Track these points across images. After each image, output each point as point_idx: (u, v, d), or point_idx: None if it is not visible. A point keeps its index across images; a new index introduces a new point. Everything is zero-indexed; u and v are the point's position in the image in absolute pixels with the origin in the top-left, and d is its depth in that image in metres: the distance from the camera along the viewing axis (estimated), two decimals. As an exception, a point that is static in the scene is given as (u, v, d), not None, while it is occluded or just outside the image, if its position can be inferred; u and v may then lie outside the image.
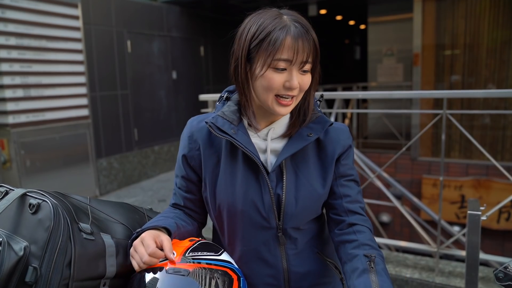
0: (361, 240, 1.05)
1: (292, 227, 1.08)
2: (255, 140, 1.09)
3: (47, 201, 0.91)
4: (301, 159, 1.09)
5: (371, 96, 6.51)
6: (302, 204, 1.06)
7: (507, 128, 6.34)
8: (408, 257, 2.90)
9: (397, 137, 7.27)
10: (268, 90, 1.00)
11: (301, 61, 0.98)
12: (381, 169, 3.34)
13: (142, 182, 6.50)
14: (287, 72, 0.99)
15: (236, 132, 1.05)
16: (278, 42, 0.96)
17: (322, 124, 1.09)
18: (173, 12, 7.09)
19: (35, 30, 4.76)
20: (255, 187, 1.06)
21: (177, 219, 1.12)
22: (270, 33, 0.97)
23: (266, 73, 0.99)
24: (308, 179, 1.08)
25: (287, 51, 0.97)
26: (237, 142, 1.04)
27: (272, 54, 0.97)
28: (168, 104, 7.11)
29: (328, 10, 9.29)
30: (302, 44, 0.97)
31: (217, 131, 1.05)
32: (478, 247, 1.62)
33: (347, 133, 1.14)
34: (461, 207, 6.20)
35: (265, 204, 1.05)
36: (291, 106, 1.04)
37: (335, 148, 1.10)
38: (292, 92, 1.00)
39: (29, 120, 4.76)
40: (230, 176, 1.07)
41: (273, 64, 0.98)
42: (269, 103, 1.02)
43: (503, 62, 6.34)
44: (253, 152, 1.04)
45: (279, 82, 0.99)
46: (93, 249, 0.95)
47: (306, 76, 1.02)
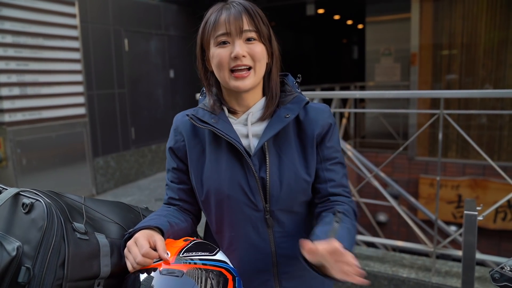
0: (336, 208, 1.08)
1: (280, 209, 1.09)
2: (237, 127, 1.12)
3: (41, 201, 0.90)
4: (283, 141, 1.11)
5: (369, 96, 6.51)
6: (287, 185, 1.08)
7: (504, 128, 6.35)
8: (405, 257, 2.90)
9: (395, 137, 7.28)
10: (221, 67, 1.06)
11: (239, 30, 1.03)
12: (378, 169, 3.34)
13: (139, 181, 6.49)
14: (231, 44, 1.05)
15: (217, 121, 1.09)
16: (212, 21, 1.06)
17: (299, 103, 1.11)
18: (170, 11, 7.07)
19: (31, 28, 4.74)
20: (240, 172, 1.08)
21: (170, 217, 1.12)
22: (209, 18, 1.08)
23: (213, 52, 1.07)
24: (292, 161, 1.09)
25: (223, 25, 1.04)
26: (217, 130, 1.07)
27: (212, 33, 1.06)
28: (165, 103, 7.10)
29: (326, 9, 9.29)
30: (238, 15, 1.03)
31: (198, 122, 1.09)
32: (474, 247, 1.62)
33: (327, 113, 1.15)
34: (458, 207, 6.21)
35: (251, 187, 1.07)
36: (250, 79, 1.06)
37: (314, 128, 1.11)
38: (242, 61, 1.04)
39: (26, 118, 4.73)
40: (216, 163, 1.10)
41: (215, 42, 1.06)
42: (227, 80, 1.07)
43: (500, 62, 6.36)
44: (234, 138, 1.07)
45: (225, 55, 1.04)
46: (87, 249, 0.94)
47: (254, 45, 1.05)
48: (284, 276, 1.14)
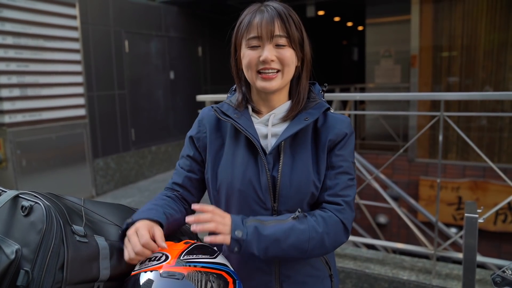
0: (315, 211, 1.09)
1: (287, 209, 1.10)
2: (258, 126, 1.15)
3: (40, 203, 0.90)
4: (300, 144, 1.12)
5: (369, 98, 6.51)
6: (297, 187, 1.09)
7: (504, 130, 6.35)
8: (405, 259, 2.90)
9: (395, 139, 7.27)
10: (249, 68, 1.10)
11: (270, 35, 1.06)
12: (379, 171, 3.33)
13: (139, 182, 6.48)
14: (261, 48, 1.08)
15: (239, 117, 1.14)
16: (246, 23, 1.09)
17: (320, 109, 1.13)
18: (171, 12, 7.07)
19: (32, 29, 4.74)
20: (254, 168, 1.11)
21: (166, 207, 1.13)
22: (243, 19, 1.11)
23: (244, 53, 1.11)
24: (305, 164, 1.10)
25: (255, 28, 1.07)
26: (238, 125, 1.11)
27: (244, 35, 1.09)
28: (166, 104, 7.09)
29: (326, 11, 9.30)
30: (270, 19, 1.06)
31: (221, 115, 1.14)
32: (475, 249, 1.61)
33: (346, 123, 1.15)
34: (458, 209, 6.21)
35: (262, 185, 1.09)
36: (277, 80, 1.09)
37: (328, 135, 1.12)
38: (270, 65, 1.07)
39: (26, 119, 4.73)
40: (232, 157, 1.14)
41: (247, 44, 1.09)
42: (254, 80, 1.11)
43: (500, 64, 6.36)
44: (253, 134, 1.11)
45: (254, 57, 1.08)
46: (86, 252, 0.93)
47: (283, 50, 1.08)
48: (285, 280, 1.14)
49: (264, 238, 1.00)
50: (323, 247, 1.06)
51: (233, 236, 0.98)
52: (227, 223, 1.00)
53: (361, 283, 2.78)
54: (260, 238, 1.00)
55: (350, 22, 12.26)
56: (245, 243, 0.99)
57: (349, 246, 3.31)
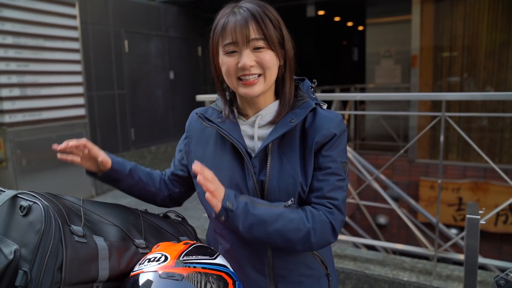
0: (306, 207, 1.06)
1: None
2: (244, 128, 1.13)
3: (38, 203, 0.89)
4: (288, 145, 1.09)
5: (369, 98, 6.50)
6: (285, 190, 1.06)
7: (505, 130, 6.34)
8: (405, 260, 2.89)
9: (395, 139, 7.26)
10: (228, 75, 1.06)
11: (246, 39, 1.01)
12: (379, 171, 3.33)
13: (139, 182, 6.47)
14: (238, 54, 1.03)
15: (223, 121, 1.12)
16: (220, 28, 1.04)
17: (306, 109, 1.09)
18: (170, 12, 7.07)
19: (32, 29, 4.73)
20: (240, 173, 1.09)
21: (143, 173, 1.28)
22: (218, 23, 1.06)
23: (221, 60, 1.07)
24: (293, 166, 1.07)
25: (229, 34, 1.02)
26: (222, 130, 1.10)
27: (220, 41, 1.05)
28: (165, 104, 7.08)
29: (326, 11, 9.29)
30: (244, 23, 1.00)
31: (205, 120, 1.14)
32: (477, 251, 1.60)
33: (335, 122, 1.09)
34: (458, 210, 6.20)
35: (249, 189, 1.08)
36: (259, 85, 1.05)
37: (315, 136, 1.07)
38: (250, 71, 1.03)
39: (26, 119, 4.72)
40: (219, 162, 1.12)
41: (224, 50, 1.05)
42: (236, 87, 1.07)
43: (501, 64, 6.35)
44: (237, 139, 1.09)
45: (232, 64, 1.04)
46: (85, 252, 0.93)
47: (262, 53, 1.03)
48: (280, 280, 1.14)
49: (252, 216, 0.99)
50: (308, 242, 1.03)
51: (223, 205, 0.97)
52: (222, 190, 0.99)
53: (361, 284, 2.77)
54: (248, 214, 0.99)
55: (350, 22, 12.25)
56: (232, 214, 0.98)
57: (349, 247, 3.30)
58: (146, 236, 1.14)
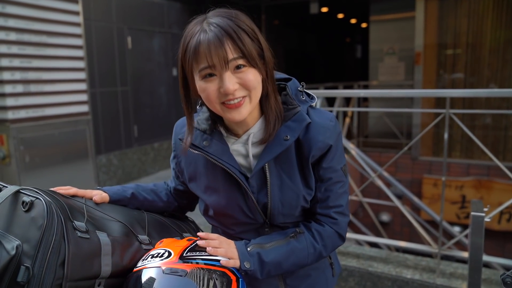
0: (312, 225, 1.08)
1: (279, 223, 1.09)
2: (235, 147, 1.06)
3: (41, 199, 0.89)
4: (284, 160, 1.05)
5: (373, 95, 6.48)
6: (288, 204, 1.06)
7: (509, 128, 6.31)
8: (408, 258, 2.88)
9: (398, 137, 7.24)
10: (210, 102, 0.96)
11: (223, 61, 0.90)
12: (382, 169, 3.31)
13: (142, 179, 6.48)
14: (217, 77, 0.94)
15: (209, 144, 1.04)
16: (192, 49, 0.92)
17: (300, 123, 1.01)
18: (174, 9, 7.06)
19: (35, 26, 4.72)
20: (238, 194, 1.06)
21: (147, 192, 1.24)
22: (188, 43, 0.94)
23: (199, 86, 0.96)
24: (294, 181, 1.05)
25: (204, 58, 0.91)
26: (210, 155, 1.03)
27: (194, 66, 0.94)
28: (168, 101, 7.08)
29: (330, 8, 9.26)
30: (219, 43, 0.90)
31: (190, 146, 1.05)
32: (481, 249, 1.59)
33: (329, 131, 1.03)
34: (461, 207, 6.18)
35: (250, 208, 1.06)
36: (245, 107, 0.96)
37: (311, 149, 1.02)
38: (234, 95, 0.94)
39: (29, 115, 4.73)
40: (213, 183, 1.08)
41: (200, 75, 0.94)
42: (220, 112, 0.98)
43: (505, 61, 6.31)
44: (228, 162, 1.03)
45: (213, 90, 0.94)
46: (87, 248, 0.92)
47: (245, 73, 0.94)
48: (288, 275, 1.14)
49: (267, 264, 1.02)
50: (320, 257, 1.09)
51: (243, 267, 1.00)
52: (234, 250, 1.01)
53: (364, 281, 2.77)
54: (263, 264, 1.02)
55: (353, 19, 12.21)
56: (251, 272, 1.01)
57: (352, 244, 3.29)
58: (150, 232, 1.14)
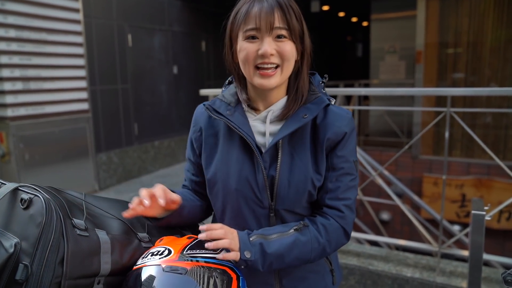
0: (317, 219, 1.08)
1: (285, 208, 1.08)
2: (254, 123, 1.10)
3: (39, 196, 0.88)
4: (298, 141, 1.08)
5: (374, 93, 6.46)
6: (295, 186, 1.06)
7: (509, 127, 6.30)
8: (408, 256, 2.87)
9: (399, 135, 7.23)
10: (246, 62, 1.03)
11: (270, 26, 0.99)
12: (383, 167, 3.31)
13: (142, 177, 6.48)
14: (259, 40, 1.01)
15: (232, 114, 1.08)
16: (243, 13, 1.01)
17: (319, 104, 1.07)
18: (174, 7, 7.04)
19: (35, 23, 4.72)
20: (249, 167, 1.07)
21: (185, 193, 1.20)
22: (240, 8, 1.04)
23: (240, 45, 1.03)
24: (304, 163, 1.07)
25: (253, 19, 1.00)
26: (231, 123, 1.06)
27: (241, 26, 1.02)
28: (169, 99, 7.08)
29: (331, 6, 9.24)
30: (270, 10, 0.99)
31: (213, 113, 1.09)
32: (482, 247, 1.59)
33: (346, 120, 1.09)
34: (461, 206, 6.17)
35: (258, 184, 1.06)
36: (276, 78, 1.03)
37: (326, 133, 1.07)
38: (270, 59, 1.00)
39: (28, 113, 4.72)
40: (227, 156, 1.10)
41: (244, 35, 1.02)
42: (251, 76, 1.04)
43: (506, 60, 6.30)
44: (247, 132, 1.06)
45: (252, 51, 1.01)
46: (87, 246, 0.92)
47: (284, 43, 1.01)
48: (285, 276, 1.13)
49: (269, 255, 1.01)
50: (324, 253, 1.08)
51: (242, 257, 0.99)
52: (236, 240, 1.00)
53: (364, 279, 2.76)
54: (265, 256, 1.01)
55: (355, 17, 12.19)
56: (252, 262, 1.00)
57: (352, 242, 3.29)
58: (150, 230, 1.13)
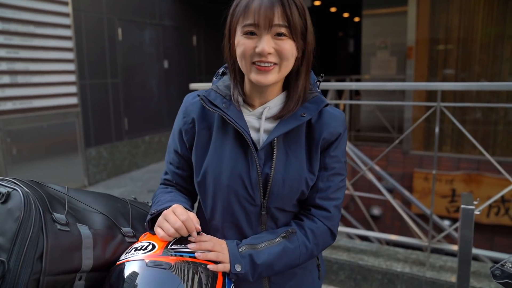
0: (305, 223, 1.08)
1: (277, 207, 1.06)
2: (249, 118, 1.07)
3: (18, 190, 0.85)
4: (294, 140, 1.07)
5: (366, 87, 6.48)
6: (289, 185, 1.04)
7: (499, 123, 6.35)
8: (399, 251, 2.88)
9: (390, 131, 7.26)
10: (243, 57, 1.00)
11: (269, 23, 0.95)
12: (373, 162, 3.31)
13: (132, 172, 6.43)
14: (258, 37, 0.98)
15: (227, 107, 1.05)
16: (243, 6, 0.98)
17: (318, 104, 1.06)
18: (165, 1, 6.97)
19: (22, 15, 4.64)
20: (243, 163, 1.04)
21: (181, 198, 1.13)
22: (239, 2, 1.01)
23: (238, 40, 1.00)
24: (299, 161, 1.06)
25: (252, 15, 0.96)
26: (227, 116, 1.03)
27: (240, 20, 0.99)
28: (159, 94, 7.02)
29: (323, 1, 9.23)
30: (270, 6, 0.95)
31: (209, 104, 1.05)
32: (471, 241, 1.59)
33: (341, 121, 1.10)
34: (451, 201, 6.22)
35: (251, 181, 1.04)
36: (273, 74, 1.00)
37: (322, 133, 1.07)
38: (267, 58, 0.98)
39: (16, 107, 4.65)
40: (219, 150, 1.06)
41: (243, 30, 0.99)
42: (248, 72, 1.02)
43: (496, 57, 6.34)
44: (243, 127, 1.03)
45: (250, 47, 0.98)
46: (67, 241, 0.89)
47: (283, 42, 0.98)
48: None
49: (259, 266, 1.01)
50: (312, 256, 1.09)
51: (233, 271, 0.98)
52: (226, 252, 1.00)
53: (355, 274, 2.77)
54: (255, 267, 1.01)
55: (346, 13, 12.19)
56: (242, 275, 1.00)
57: (343, 237, 3.29)
58: (134, 225, 1.11)
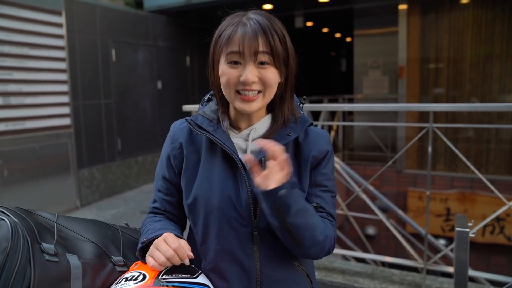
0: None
1: (268, 228, 1.04)
2: (236, 140, 1.09)
3: (5, 220, 0.84)
4: None
5: (358, 109, 6.52)
6: None
7: (491, 141, 6.40)
8: (394, 273, 2.85)
9: (383, 150, 7.28)
10: (227, 86, 1.02)
11: (253, 52, 0.97)
12: (368, 183, 3.31)
13: (125, 193, 6.37)
14: (241, 66, 1.00)
15: (215, 130, 1.07)
16: (226, 36, 1.00)
17: (303, 124, 1.09)
18: (159, 22, 7.04)
19: (16, 37, 4.65)
20: (233, 184, 1.05)
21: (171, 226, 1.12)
22: (224, 30, 1.02)
23: (222, 69, 1.02)
24: None
25: (236, 44, 0.98)
26: (215, 138, 1.05)
27: (224, 49, 1.00)
28: (153, 114, 7.02)
29: (315, 22, 9.36)
30: (253, 35, 0.97)
31: (196, 128, 1.07)
32: (467, 264, 1.58)
33: (327, 139, 1.13)
34: (446, 220, 6.21)
35: (242, 201, 1.03)
36: (257, 102, 1.02)
37: (311, 151, 1.09)
38: (251, 86, 0.99)
39: (8, 128, 4.62)
40: (208, 173, 1.07)
41: (227, 59, 1.00)
42: (233, 100, 1.03)
43: (486, 76, 6.43)
44: (231, 148, 1.04)
45: (234, 76, 1.00)
46: (56, 272, 0.87)
47: (266, 70, 1.00)
48: (265, 279, 1.09)
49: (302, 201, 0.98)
50: (323, 248, 1.04)
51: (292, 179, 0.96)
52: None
53: (350, 297, 2.72)
54: (299, 198, 0.98)
55: (338, 33, 12.36)
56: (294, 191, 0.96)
57: (338, 259, 3.25)
58: (125, 253, 1.09)
